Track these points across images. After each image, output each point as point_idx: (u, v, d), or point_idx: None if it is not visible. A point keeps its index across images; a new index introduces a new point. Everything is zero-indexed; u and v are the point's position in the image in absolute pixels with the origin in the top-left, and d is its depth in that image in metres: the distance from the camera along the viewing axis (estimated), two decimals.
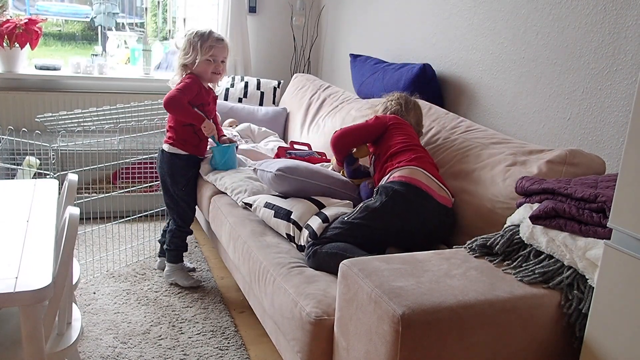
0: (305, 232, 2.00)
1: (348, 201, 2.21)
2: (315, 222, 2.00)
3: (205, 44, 2.55)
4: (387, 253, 1.93)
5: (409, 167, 2.01)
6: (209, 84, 2.67)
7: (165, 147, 2.66)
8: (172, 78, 2.66)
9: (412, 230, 1.93)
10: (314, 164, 2.55)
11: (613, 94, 1.96)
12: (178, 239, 2.72)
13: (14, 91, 3.63)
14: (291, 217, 2.11)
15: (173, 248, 2.72)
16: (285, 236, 2.14)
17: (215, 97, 2.75)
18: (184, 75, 2.60)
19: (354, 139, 2.25)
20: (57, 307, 1.47)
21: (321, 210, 2.09)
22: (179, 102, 2.51)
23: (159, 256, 2.87)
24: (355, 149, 2.28)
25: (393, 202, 1.91)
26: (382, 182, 2.05)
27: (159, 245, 2.89)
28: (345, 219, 1.94)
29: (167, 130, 2.67)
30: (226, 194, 2.57)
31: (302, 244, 2.03)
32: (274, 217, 2.16)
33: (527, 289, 1.41)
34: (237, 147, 2.83)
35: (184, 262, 2.83)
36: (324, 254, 1.88)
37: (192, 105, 2.56)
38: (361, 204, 1.96)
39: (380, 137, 2.22)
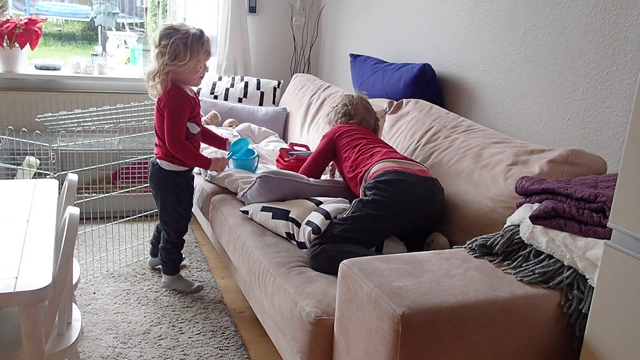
0: (307, 229, 2.00)
1: (342, 198, 2.22)
2: (318, 218, 2.00)
3: (203, 49, 2.26)
4: (385, 246, 1.97)
5: (377, 163, 2.12)
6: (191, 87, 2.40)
7: (164, 165, 2.39)
8: (155, 87, 2.31)
9: (409, 209, 1.99)
10: None
11: (613, 94, 1.96)
12: (174, 254, 2.61)
13: (14, 91, 3.63)
14: (289, 215, 2.11)
15: (170, 263, 2.61)
16: (285, 236, 2.14)
17: (197, 97, 2.46)
18: (164, 83, 2.28)
19: (317, 168, 2.43)
20: (57, 307, 1.47)
21: (319, 207, 2.10)
22: (187, 150, 2.30)
23: (152, 255, 2.82)
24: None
25: (383, 191, 1.98)
26: (362, 185, 2.12)
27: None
28: (345, 215, 1.98)
29: (158, 144, 2.39)
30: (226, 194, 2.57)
31: (302, 241, 2.03)
32: (272, 218, 2.17)
33: (527, 289, 1.41)
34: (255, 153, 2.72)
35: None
36: (334, 251, 1.88)
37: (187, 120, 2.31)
38: (355, 200, 2.02)
39: (335, 151, 2.38)
